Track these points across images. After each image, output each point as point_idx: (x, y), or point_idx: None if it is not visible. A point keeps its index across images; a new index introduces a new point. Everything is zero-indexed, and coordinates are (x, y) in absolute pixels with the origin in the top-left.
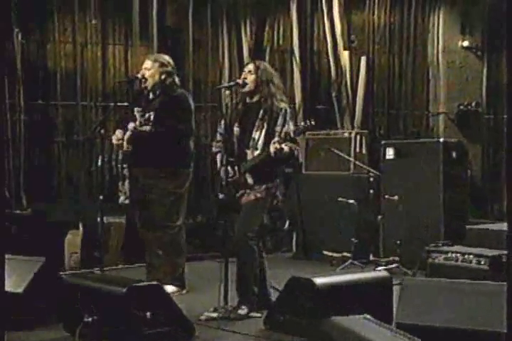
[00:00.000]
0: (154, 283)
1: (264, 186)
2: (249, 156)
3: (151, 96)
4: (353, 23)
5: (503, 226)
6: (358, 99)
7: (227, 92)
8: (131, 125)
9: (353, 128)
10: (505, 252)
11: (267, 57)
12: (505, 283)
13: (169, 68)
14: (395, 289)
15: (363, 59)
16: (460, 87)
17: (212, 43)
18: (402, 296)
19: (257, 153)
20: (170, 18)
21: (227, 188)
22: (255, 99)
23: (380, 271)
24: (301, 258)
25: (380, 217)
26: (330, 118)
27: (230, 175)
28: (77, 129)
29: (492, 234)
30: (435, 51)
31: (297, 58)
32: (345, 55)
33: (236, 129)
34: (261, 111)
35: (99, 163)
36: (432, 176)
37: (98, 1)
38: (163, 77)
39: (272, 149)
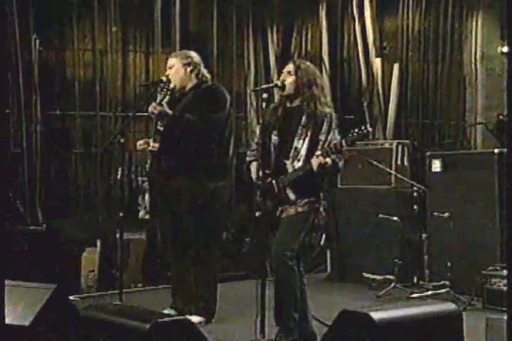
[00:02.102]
0: (182, 317)
1: (306, 200)
2: (289, 168)
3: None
4: (385, 28)
5: None
6: (390, 108)
7: (265, 95)
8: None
9: (385, 138)
10: None
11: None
12: None
13: (193, 59)
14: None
15: (396, 66)
16: (499, 95)
17: (237, 50)
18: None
19: (298, 165)
20: (193, 24)
21: (265, 204)
22: (296, 103)
23: (447, 302)
24: (336, 279)
25: (424, 235)
26: None
27: (267, 190)
28: (96, 140)
29: None
30: (473, 57)
31: (326, 66)
32: (377, 62)
33: (274, 137)
34: (303, 117)
35: (119, 176)
36: (486, 190)
37: (118, 7)
38: (188, 69)
39: (314, 164)
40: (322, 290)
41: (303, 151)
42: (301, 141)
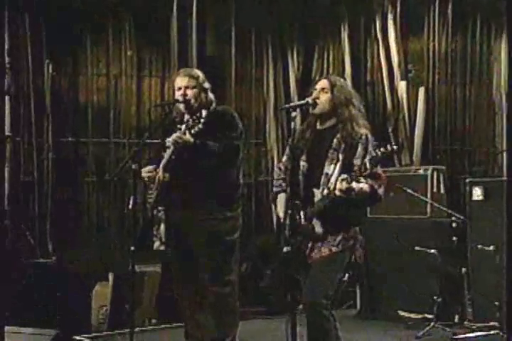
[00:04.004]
0: None
1: (339, 237)
2: (318, 197)
3: (186, 119)
4: (410, 50)
5: None
6: (416, 134)
7: (293, 114)
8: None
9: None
10: None
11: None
12: None
13: (207, 83)
14: None
15: (422, 90)
16: None
17: (256, 74)
18: None
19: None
20: (210, 48)
21: (293, 239)
22: (328, 124)
23: None
24: (367, 317)
25: (464, 269)
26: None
27: (297, 223)
28: (110, 169)
29: None
30: (502, 80)
31: None
32: (402, 86)
33: (303, 163)
34: (335, 139)
35: (131, 205)
36: None
37: (134, 31)
38: (206, 95)
39: (337, 189)
40: (353, 328)
41: (333, 178)
42: (332, 166)
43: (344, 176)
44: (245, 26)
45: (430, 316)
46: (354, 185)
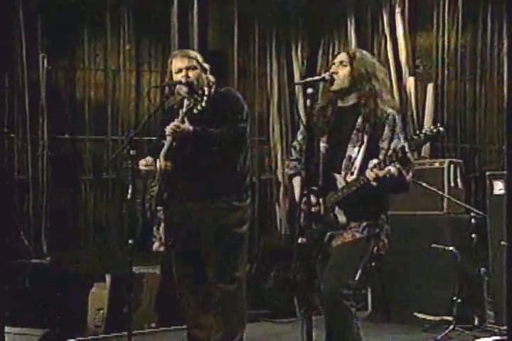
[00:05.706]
0: None
1: (364, 223)
2: (340, 183)
3: (186, 104)
4: (418, 45)
5: None
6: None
7: (309, 90)
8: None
9: None
10: None
11: (321, 85)
12: None
13: (206, 64)
14: None
15: (430, 86)
16: None
17: (260, 69)
18: None
19: (352, 178)
20: (212, 42)
21: (309, 228)
22: (350, 101)
23: None
24: (379, 320)
25: (483, 269)
26: None
27: (314, 210)
28: (107, 166)
29: None
30: None
31: None
32: (410, 82)
33: (323, 145)
34: (359, 118)
35: (129, 195)
36: None
37: (132, 24)
38: (207, 75)
39: (370, 177)
40: (366, 332)
41: (358, 162)
42: (357, 149)
43: (375, 161)
44: (249, 20)
45: (449, 318)
46: (392, 170)
